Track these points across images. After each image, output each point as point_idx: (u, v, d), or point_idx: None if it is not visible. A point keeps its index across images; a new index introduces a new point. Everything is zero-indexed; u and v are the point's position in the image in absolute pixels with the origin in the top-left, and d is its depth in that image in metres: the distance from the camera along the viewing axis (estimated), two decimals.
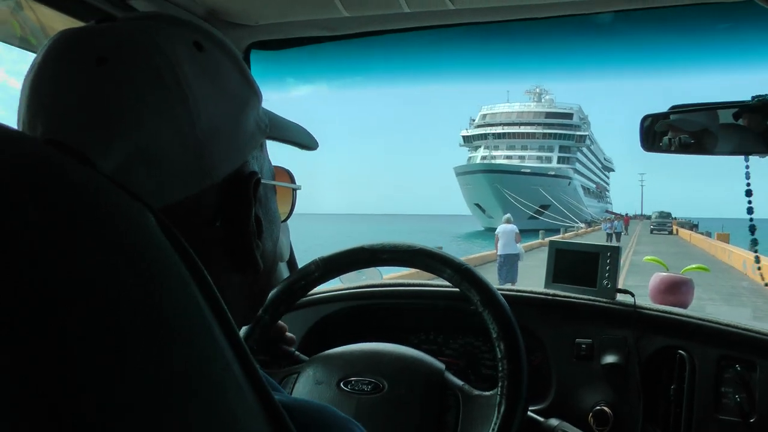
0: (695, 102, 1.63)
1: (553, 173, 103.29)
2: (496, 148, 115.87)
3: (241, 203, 0.75)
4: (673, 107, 1.63)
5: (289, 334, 1.61)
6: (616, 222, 40.13)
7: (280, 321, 1.66)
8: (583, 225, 63.33)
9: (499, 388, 1.37)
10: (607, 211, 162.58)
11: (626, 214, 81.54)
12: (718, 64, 1.92)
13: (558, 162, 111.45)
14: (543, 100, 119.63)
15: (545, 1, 1.50)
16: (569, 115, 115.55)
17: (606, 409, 1.72)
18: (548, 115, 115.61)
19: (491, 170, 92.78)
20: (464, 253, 28.52)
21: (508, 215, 15.32)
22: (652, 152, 1.65)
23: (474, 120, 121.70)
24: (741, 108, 1.55)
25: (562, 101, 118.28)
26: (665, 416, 1.72)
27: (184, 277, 0.51)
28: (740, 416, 1.64)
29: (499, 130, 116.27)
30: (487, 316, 1.43)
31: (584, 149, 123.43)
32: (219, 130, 0.72)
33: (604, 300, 1.82)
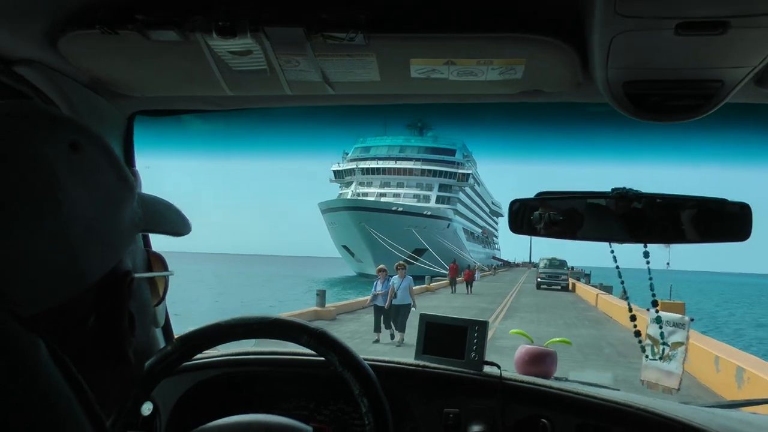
0: (562, 189, 2.00)
1: (429, 213, 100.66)
2: (370, 184, 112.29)
3: (115, 304, 0.83)
4: (540, 193, 1.97)
5: None
6: (395, 279, 18.90)
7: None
8: None
9: None
10: (494, 258, 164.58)
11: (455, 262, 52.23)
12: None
13: (437, 201, 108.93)
14: (425, 135, 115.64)
15: (408, 92, 1.85)
16: (451, 152, 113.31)
17: None
18: (428, 150, 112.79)
19: (357, 207, 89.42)
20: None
21: None
22: (521, 234, 1.99)
23: (348, 154, 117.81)
24: (602, 198, 1.93)
25: (447, 138, 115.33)
26: None
27: (69, 399, 0.63)
28: None
29: (372, 164, 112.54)
30: (347, 375, 1.66)
31: (468, 189, 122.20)
32: (93, 233, 0.78)
33: (472, 371, 2.13)
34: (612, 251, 2.04)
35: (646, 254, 2.02)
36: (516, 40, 1.51)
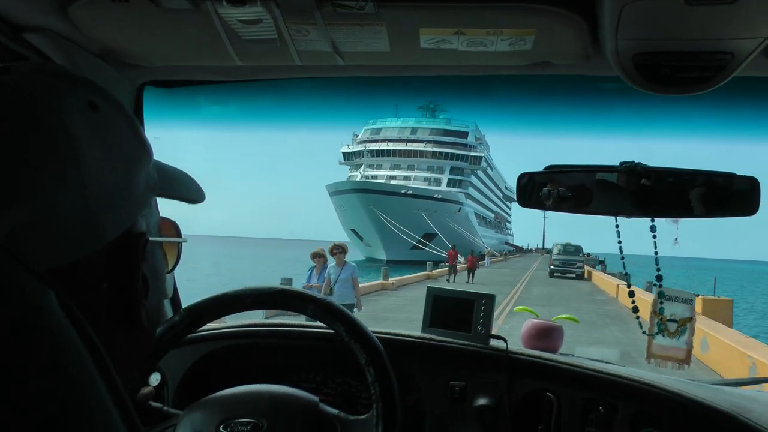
0: (569, 163, 2.04)
1: (440, 196, 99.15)
2: (379, 166, 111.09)
3: (129, 265, 0.85)
4: (548, 167, 2.01)
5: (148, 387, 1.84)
6: (332, 269, 12.98)
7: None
8: (461, 259, 46.15)
9: (374, 410, 1.68)
10: (506, 243, 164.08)
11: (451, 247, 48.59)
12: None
13: (448, 185, 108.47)
14: (437, 117, 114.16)
15: (418, 62, 1.89)
16: (464, 134, 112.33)
17: None
18: (440, 132, 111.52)
19: (365, 189, 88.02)
20: None
21: None
22: (529, 207, 2.03)
23: (357, 136, 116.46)
24: (610, 171, 1.97)
25: (460, 120, 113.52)
26: None
27: (80, 351, 0.64)
28: None
29: (383, 146, 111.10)
30: (353, 345, 1.71)
31: (480, 173, 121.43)
32: (111, 193, 0.81)
33: (478, 344, 2.18)
34: (617, 226, 2.07)
35: (653, 228, 2.06)
36: (526, 10, 1.54)
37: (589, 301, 31.80)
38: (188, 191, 1.04)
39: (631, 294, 2.49)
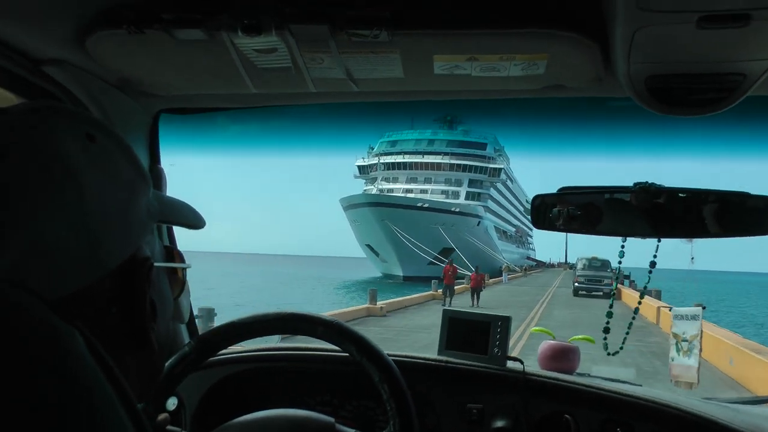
0: (586, 184, 2.08)
1: (458, 210, 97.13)
2: (396, 179, 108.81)
3: (136, 290, 0.89)
4: (562, 188, 2.07)
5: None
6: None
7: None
8: (468, 273, 40.96)
9: (391, 425, 1.72)
10: (528, 258, 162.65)
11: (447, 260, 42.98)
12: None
13: (467, 198, 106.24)
14: (455, 129, 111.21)
15: (431, 88, 1.95)
16: (482, 145, 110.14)
17: None
18: (457, 143, 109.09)
19: (379, 203, 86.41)
20: None
21: None
22: (543, 229, 2.08)
23: (373, 148, 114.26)
24: (624, 192, 2.02)
25: (478, 131, 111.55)
26: None
27: (107, 390, 0.68)
28: None
29: (399, 159, 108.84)
30: (366, 363, 1.76)
31: (500, 185, 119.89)
32: (112, 220, 0.85)
33: (495, 367, 2.23)
34: (622, 246, 2.12)
35: (657, 248, 2.10)
36: (538, 35, 1.60)
37: (624, 329, 25.37)
38: (188, 218, 1.10)
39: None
